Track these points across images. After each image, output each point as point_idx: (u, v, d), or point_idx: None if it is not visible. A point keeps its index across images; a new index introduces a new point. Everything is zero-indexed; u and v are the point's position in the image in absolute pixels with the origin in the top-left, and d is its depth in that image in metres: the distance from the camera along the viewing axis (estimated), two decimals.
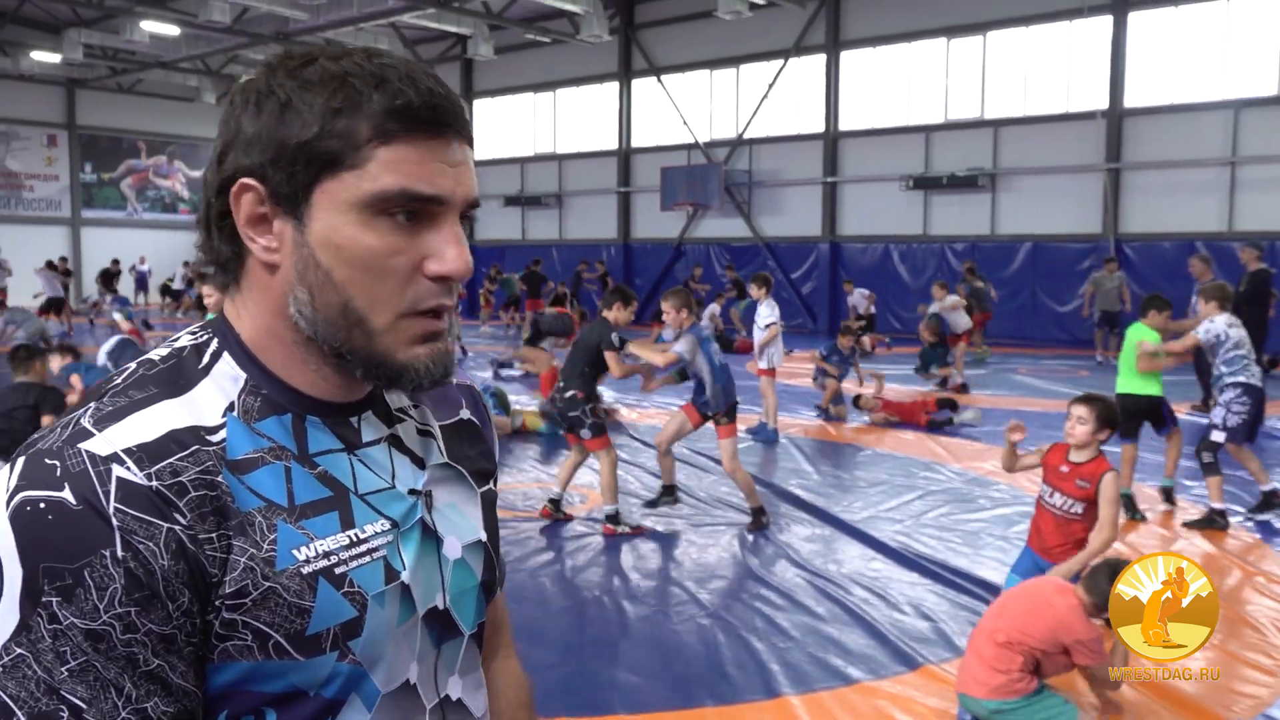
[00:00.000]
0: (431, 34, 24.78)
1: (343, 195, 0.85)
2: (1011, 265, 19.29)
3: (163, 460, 0.81)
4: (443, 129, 0.87)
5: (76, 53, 23.88)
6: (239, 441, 0.86)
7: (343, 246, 0.85)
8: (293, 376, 0.91)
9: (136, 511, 0.78)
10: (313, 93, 0.85)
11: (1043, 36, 18.70)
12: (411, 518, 0.95)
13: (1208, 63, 17.15)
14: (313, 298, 0.87)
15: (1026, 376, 13.76)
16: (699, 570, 5.62)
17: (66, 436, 0.81)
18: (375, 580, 0.89)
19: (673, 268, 24.24)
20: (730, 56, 22.73)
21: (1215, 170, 17.25)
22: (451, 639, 0.99)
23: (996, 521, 6.58)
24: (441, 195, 0.87)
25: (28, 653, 0.76)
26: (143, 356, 0.91)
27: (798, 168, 22.14)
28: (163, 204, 32.84)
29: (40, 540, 0.76)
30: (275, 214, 0.87)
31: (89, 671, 0.76)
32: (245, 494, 0.84)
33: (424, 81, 0.87)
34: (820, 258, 21.87)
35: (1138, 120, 17.91)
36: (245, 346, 0.92)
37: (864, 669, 4.27)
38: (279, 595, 0.83)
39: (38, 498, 0.77)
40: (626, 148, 24.99)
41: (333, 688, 0.87)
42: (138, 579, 0.77)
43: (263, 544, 0.83)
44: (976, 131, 19.68)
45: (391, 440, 0.98)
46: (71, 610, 0.76)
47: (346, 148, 0.84)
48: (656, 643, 4.61)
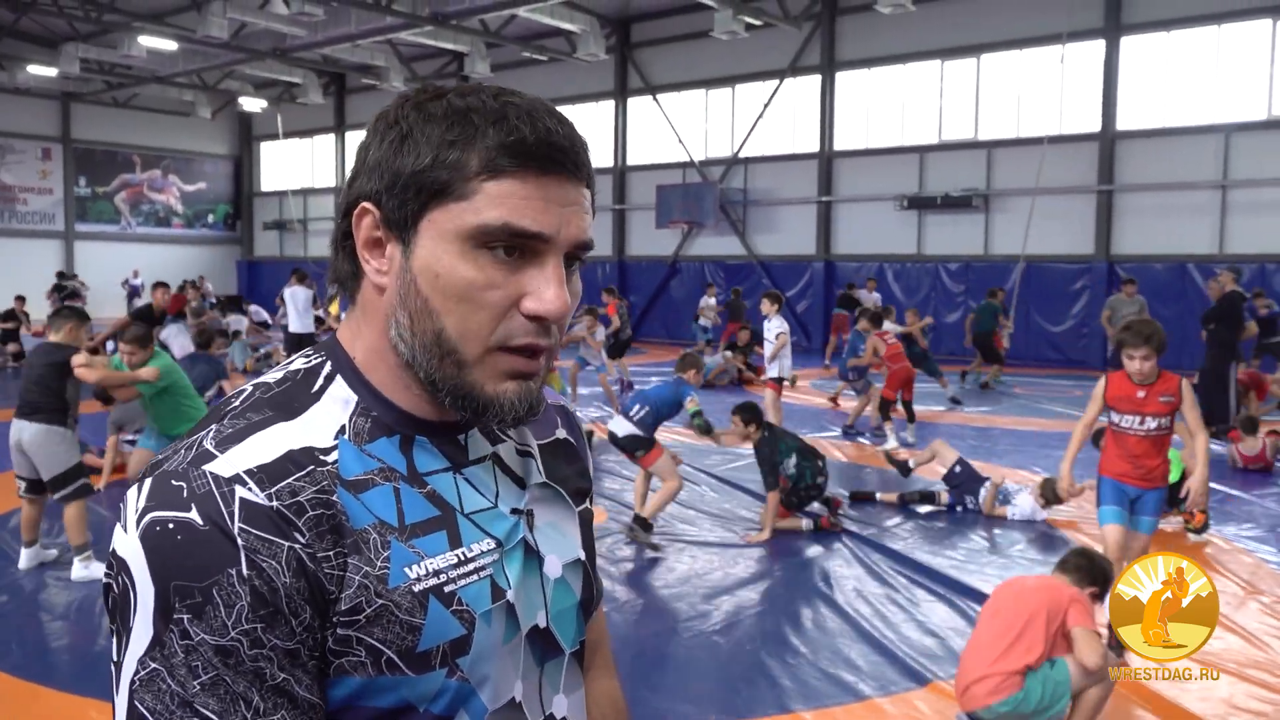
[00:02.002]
0: (429, 51, 24.89)
1: (448, 225, 0.87)
2: (1005, 285, 19.39)
3: (282, 481, 0.84)
4: (555, 168, 0.88)
5: (73, 67, 23.90)
6: (351, 463, 0.89)
7: (441, 275, 0.87)
8: (399, 397, 0.94)
9: (259, 531, 0.81)
10: (433, 125, 0.88)
11: (1036, 59, 18.90)
12: (514, 537, 0.97)
13: (1199, 87, 17.35)
14: (412, 322, 0.89)
15: (1023, 396, 13.84)
16: (708, 586, 5.64)
17: (191, 458, 0.84)
18: (482, 599, 0.91)
19: (668, 285, 24.32)
20: (726, 76, 22.88)
21: (1207, 193, 17.42)
22: (554, 658, 1.01)
23: (1000, 537, 6.63)
24: (545, 233, 0.87)
25: (162, 667, 0.79)
26: (258, 380, 0.95)
27: (792, 187, 22.26)
28: (156, 218, 32.80)
29: (170, 559, 0.79)
30: (388, 238, 0.90)
31: (219, 685, 0.79)
32: (359, 511, 0.87)
33: (544, 121, 0.88)
34: (815, 276, 21.98)
35: (1130, 143, 18.09)
36: (356, 369, 0.94)
37: (875, 685, 4.31)
38: (391, 613, 0.85)
39: (167, 518, 0.80)
40: (622, 165, 25.10)
41: (441, 703, 0.89)
42: (262, 596, 0.80)
43: (376, 562, 0.86)
44: (970, 152, 19.84)
45: (494, 459, 1.00)
46: (202, 627, 0.79)
47: (456, 179, 0.86)
48: (667, 659, 4.64)
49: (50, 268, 25.89)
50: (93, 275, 27.48)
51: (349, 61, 25.42)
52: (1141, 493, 4.59)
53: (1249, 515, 7.22)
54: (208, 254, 33.41)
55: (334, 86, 29.64)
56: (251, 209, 34.62)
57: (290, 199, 31.14)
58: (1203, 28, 17.25)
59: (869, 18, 20.32)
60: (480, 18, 20.88)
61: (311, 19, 19.69)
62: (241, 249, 34.79)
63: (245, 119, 33.49)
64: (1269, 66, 16.74)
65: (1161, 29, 17.60)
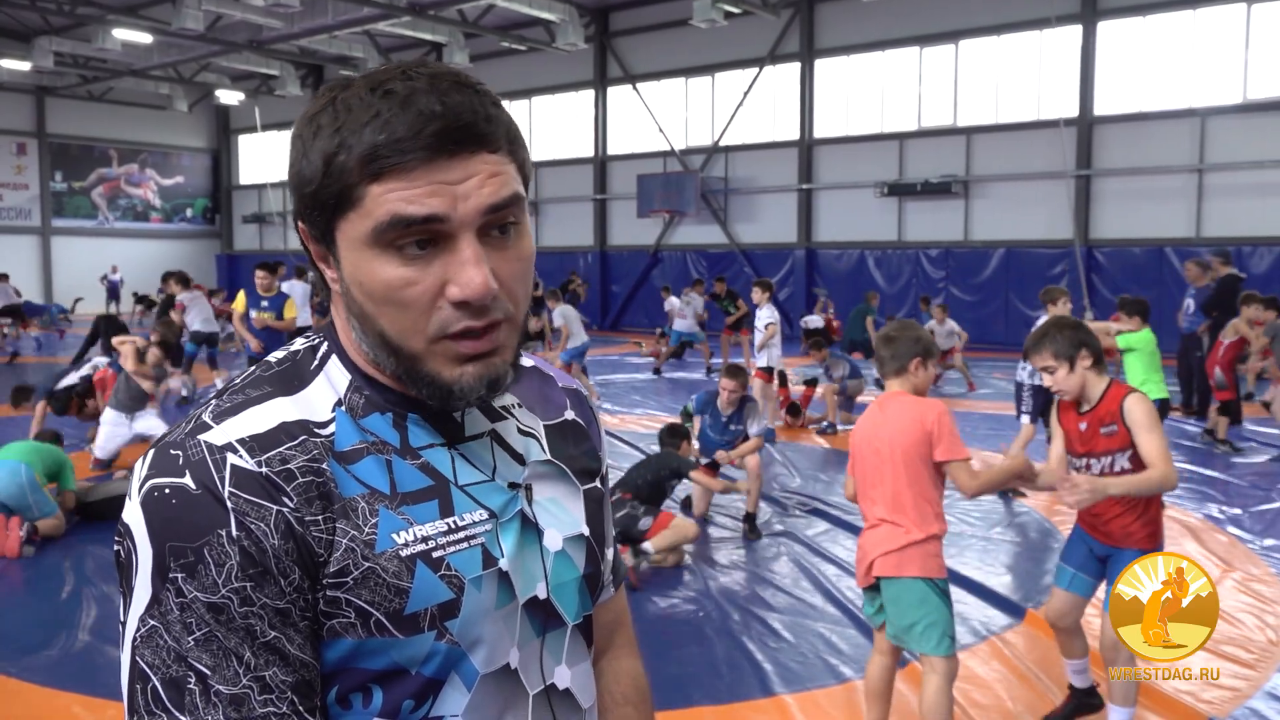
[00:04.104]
0: (407, 41, 24.76)
1: (353, 234, 0.89)
2: (985, 271, 19.53)
3: (273, 449, 0.88)
4: (439, 150, 0.86)
5: (47, 60, 23.65)
6: (346, 434, 0.93)
7: (364, 282, 0.90)
8: (386, 380, 0.97)
9: (248, 495, 0.85)
10: (320, 137, 0.88)
11: (1013, 45, 18.98)
12: (511, 509, 0.99)
13: (1175, 71, 17.47)
14: (361, 325, 0.93)
15: (1003, 381, 13.93)
16: (693, 570, 5.67)
17: (189, 430, 0.90)
18: (473, 565, 0.93)
19: (650, 275, 24.33)
20: (705, 65, 22.87)
21: (1183, 177, 17.56)
22: (555, 629, 1.03)
23: (980, 522, 6.69)
24: (437, 214, 0.86)
25: (159, 624, 0.84)
26: (263, 359, 0.99)
27: (773, 175, 22.30)
28: (134, 213, 32.56)
29: (166, 522, 0.84)
30: (323, 252, 0.94)
31: (212, 641, 0.83)
32: (349, 482, 0.90)
33: (419, 103, 0.86)
34: (796, 264, 22.04)
35: (1107, 128, 18.20)
36: (347, 352, 0.98)
37: (856, 668, 4.34)
38: (378, 575, 0.88)
39: (164, 484, 0.86)
40: (603, 155, 25.08)
41: (432, 666, 0.91)
42: (251, 556, 0.84)
43: (364, 527, 0.89)
44: (949, 139, 19.92)
45: (493, 436, 1.02)
46: (194, 585, 0.83)
47: (345, 188, 0.88)
48: (650, 642, 4.67)
49: (27, 265, 25.69)
50: (71, 272, 27.28)
51: (327, 53, 25.28)
52: (1111, 552, 3.47)
53: (1225, 494, 7.32)
54: (187, 248, 33.21)
55: (312, 78, 29.44)
56: (230, 203, 34.42)
57: (269, 192, 30.95)
58: (1178, 12, 17.36)
59: (848, 5, 20.36)
60: (458, 8, 20.79)
61: (288, 10, 19.54)
62: (221, 243, 34.59)
63: (223, 112, 33.26)
64: (1243, 50, 16.87)
65: (1137, 14, 17.70)
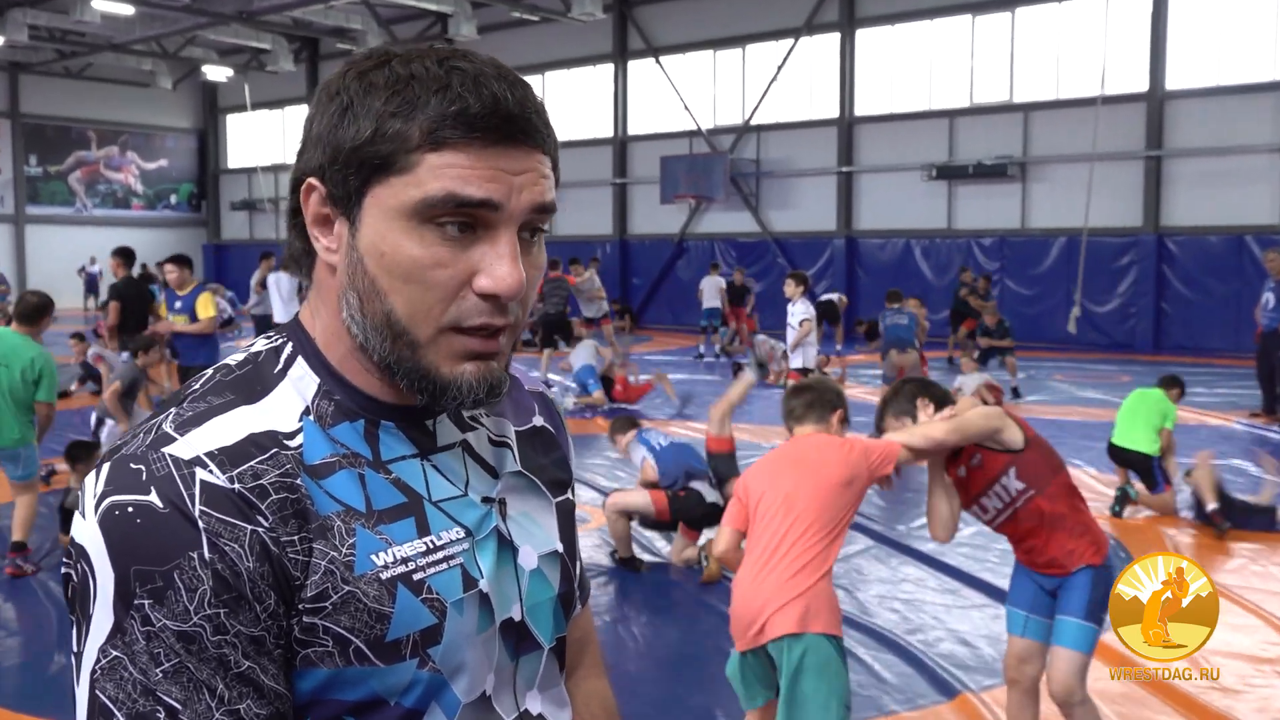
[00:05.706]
0: (410, 12, 24.86)
1: (391, 201, 0.89)
2: (1044, 262, 19.38)
3: (244, 463, 0.87)
4: (503, 136, 0.89)
5: (21, 34, 23.88)
6: (315, 446, 0.92)
7: (386, 254, 0.89)
8: (360, 380, 0.97)
9: (221, 514, 0.84)
10: (373, 95, 0.89)
11: (1077, 13, 18.83)
12: (486, 526, 1.00)
13: (1256, 41, 17.28)
14: (361, 303, 0.92)
15: (1064, 383, 13.83)
16: (724, 594, 5.66)
17: (150, 442, 0.88)
18: (454, 588, 0.94)
19: (674, 266, 24.31)
20: (735, 36, 22.84)
21: (1266, 157, 17.36)
22: (530, 652, 1.04)
23: None
24: (494, 199, 0.88)
25: (123, 654, 0.82)
26: (220, 362, 0.98)
27: (810, 157, 22.24)
28: (115, 199, 32.90)
29: (130, 544, 0.83)
30: (335, 215, 0.93)
31: (182, 673, 0.82)
32: (323, 498, 0.90)
33: (490, 86, 0.89)
34: (835, 254, 21.96)
35: (1180, 104, 18.03)
36: (318, 350, 0.98)
37: (900, 699, 4.32)
38: (359, 600, 0.88)
39: (126, 502, 0.84)
40: (623, 135, 25.09)
41: (413, 696, 0.91)
42: (225, 580, 0.83)
43: (342, 548, 0.89)
44: (1005, 116, 19.80)
45: (464, 446, 1.03)
46: (163, 612, 0.82)
47: (398, 152, 0.88)
48: (678, 670, 4.68)
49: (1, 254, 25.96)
50: (47, 263, 27.56)
51: (322, 25, 25.41)
52: (1059, 582, 3.40)
53: None
54: (171, 237, 33.38)
55: (306, 53, 29.62)
56: (218, 188, 34.69)
57: (260, 176, 31.11)
58: None
59: None
60: None
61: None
62: (208, 232, 34.88)
63: (210, 89, 33.53)
64: None
65: None
